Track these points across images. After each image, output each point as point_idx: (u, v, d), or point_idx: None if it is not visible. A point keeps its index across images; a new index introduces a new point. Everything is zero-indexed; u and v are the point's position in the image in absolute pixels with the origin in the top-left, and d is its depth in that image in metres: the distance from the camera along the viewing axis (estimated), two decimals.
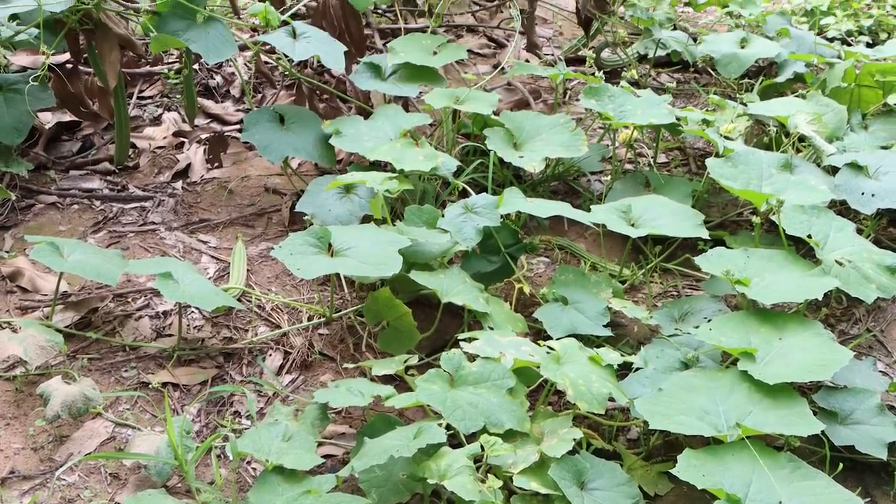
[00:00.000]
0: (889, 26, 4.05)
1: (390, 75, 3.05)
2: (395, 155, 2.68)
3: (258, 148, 2.86)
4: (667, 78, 3.97)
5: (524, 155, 2.82)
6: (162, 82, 3.66)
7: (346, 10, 3.17)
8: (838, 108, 3.05)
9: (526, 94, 3.61)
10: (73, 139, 3.34)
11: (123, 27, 2.92)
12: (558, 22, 4.49)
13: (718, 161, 2.69)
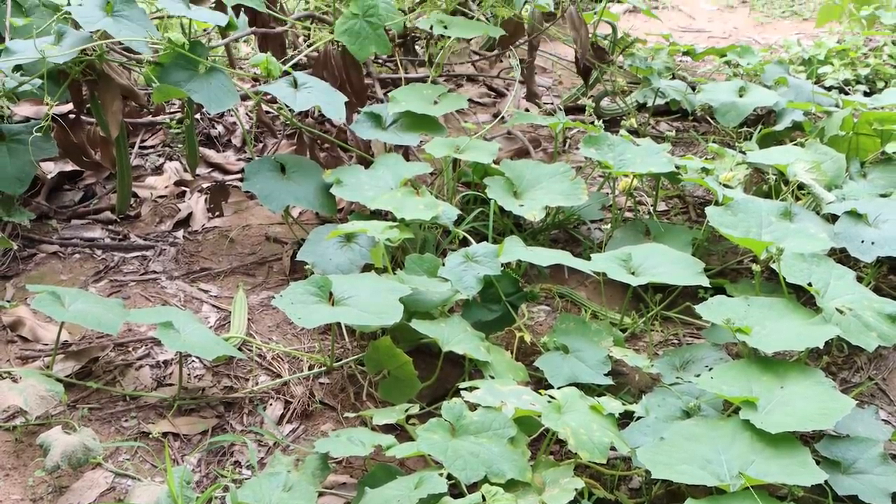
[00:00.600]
0: (886, 75, 4.08)
1: (391, 125, 3.07)
2: (396, 204, 2.69)
3: (259, 197, 2.87)
4: (666, 126, 3.99)
5: (524, 203, 2.83)
6: (164, 132, 3.68)
7: (346, 60, 3.19)
8: (837, 156, 3.06)
9: (526, 143, 3.63)
10: (76, 189, 3.35)
11: (126, 77, 2.94)
12: (557, 71, 4.52)
13: (718, 209, 2.70)
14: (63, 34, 2.70)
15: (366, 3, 3.18)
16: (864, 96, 3.74)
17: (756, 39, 5.09)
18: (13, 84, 2.91)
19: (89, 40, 2.70)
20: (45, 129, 2.72)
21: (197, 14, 2.82)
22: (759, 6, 5.62)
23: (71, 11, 2.67)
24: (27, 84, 2.87)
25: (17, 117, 3.18)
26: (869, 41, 4.45)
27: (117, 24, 2.66)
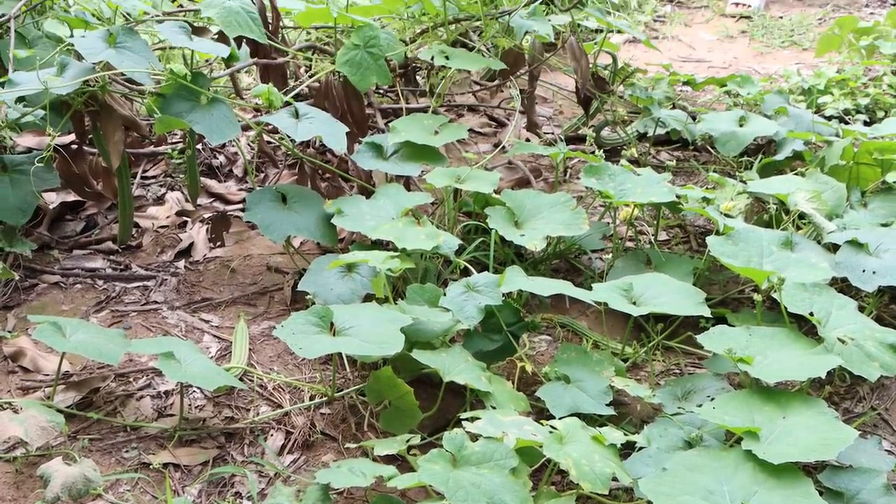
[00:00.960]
0: (886, 104, 4.09)
1: (392, 155, 3.08)
2: (397, 234, 2.69)
3: (260, 227, 2.87)
4: (666, 156, 4.00)
5: (525, 233, 2.83)
6: (166, 162, 3.69)
7: (348, 90, 3.21)
8: (837, 185, 3.06)
9: (527, 173, 3.64)
10: (77, 219, 3.36)
11: (128, 108, 2.95)
12: (558, 101, 4.54)
13: (719, 239, 2.70)
14: (66, 66, 2.72)
15: (367, 34, 3.20)
16: (864, 126, 3.75)
17: (756, 69, 5.12)
18: (16, 115, 2.93)
19: (92, 71, 2.71)
20: (48, 160, 2.72)
21: (199, 46, 2.84)
22: (758, 36, 5.64)
23: (74, 43, 2.69)
24: (30, 115, 2.89)
25: (20, 148, 3.19)
26: (868, 71, 4.47)
27: (120, 55, 2.68)
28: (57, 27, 3.57)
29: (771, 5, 6.30)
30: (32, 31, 3.44)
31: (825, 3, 6.24)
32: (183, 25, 2.88)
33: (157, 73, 2.75)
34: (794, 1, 6.43)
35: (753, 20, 5.92)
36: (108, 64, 2.68)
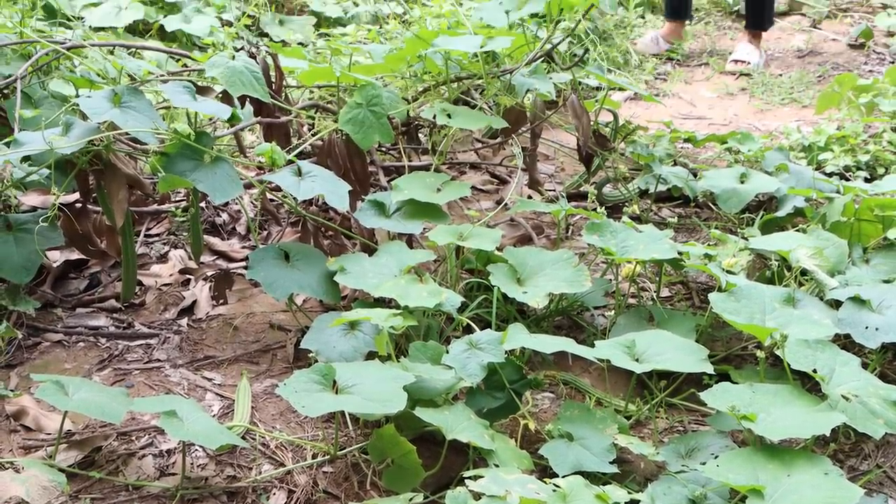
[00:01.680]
0: (886, 161, 4.11)
1: (394, 212, 3.09)
2: (400, 291, 2.70)
3: (263, 285, 2.88)
4: (668, 213, 4.01)
5: (528, 290, 2.83)
6: (169, 220, 3.70)
7: (350, 148, 3.23)
8: (839, 242, 3.07)
9: (529, 230, 3.65)
10: (81, 277, 3.37)
11: (132, 167, 2.97)
12: (560, 158, 4.56)
13: (721, 296, 2.70)
14: (71, 125, 2.74)
15: (369, 92, 3.23)
16: (864, 182, 3.77)
17: (756, 126, 5.14)
18: (21, 174, 2.95)
19: (97, 131, 2.74)
20: (52, 219, 2.74)
21: (202, 106, 2.86)
22: (758, 93, 5.68)
23: (79, 103, 2.71)
24: (35, 174, 2.90)
25: (25, 207, 3.20)
26: (868, 128, 4.49)
27: (124, 114, 2.70)
28: (63, 87, 3.61)
29: (770, 63, 6.35)
30: (38, 91, 3.48)
31: (824, 62, 6.29)
32: (187, 85, 2.91)
33: (161, 132, 2.77)
34: (794, 59, 6.48)
35: (753, 78, 5.96)
36: (112, 123, 2.70)
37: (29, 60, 3.27)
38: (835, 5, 7.41)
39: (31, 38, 3.60)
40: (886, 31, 6.83)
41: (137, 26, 6.22)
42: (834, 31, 6.97)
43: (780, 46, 6.71)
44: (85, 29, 5.66)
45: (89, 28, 5.80)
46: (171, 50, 4.10)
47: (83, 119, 2.78)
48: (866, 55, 6.46)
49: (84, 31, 5.56)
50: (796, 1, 7.36)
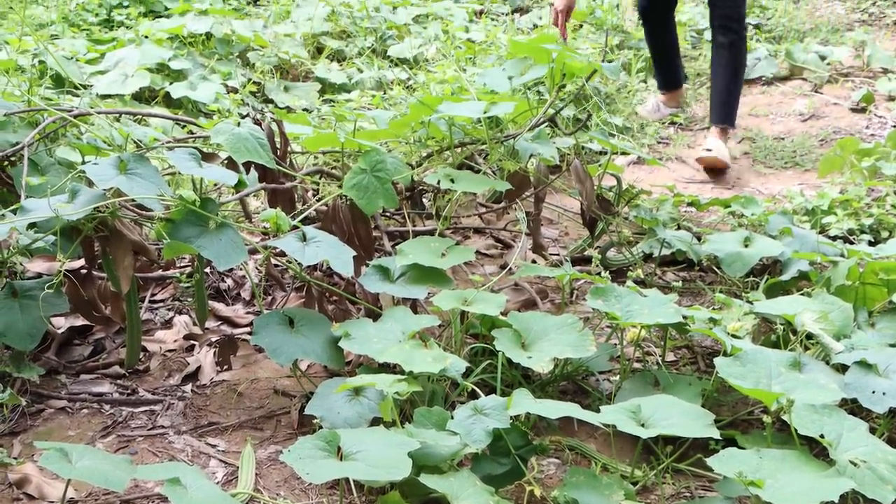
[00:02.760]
0: (890, 225, 4.11)
1: (399, 277, 3.09)
2: (404, 357, 2.69)
3: (267, 351, 2.87)
4: (672, 276, 4.01)
5: (532, 355, 2.83)
6: (174, 286, 3.71)
7: (354, 214, 3.24)
8: (844, 306, 3.06)
9: (533, 294, 3.65)
10: (85, 343, 3.37)
11: (137, 233, 2.98)
12: (563, 223, 4.58)
13: (727, 360, 2.69)
14: (77, 192, 2.76)
15: (374, 158, 3.25)
16: (868, 246, 3.77)
17: (759, 190, 5.17)
18: (27, 241, 2.96)
19: (102, 198, 2.75)
20: (57, 286, 2.75)
21: (208, 173, 2.88)
22: (760, 157, 5.71)
23: (85, 170, 2.73)
24: (41, 241, 2.91)
25: (30, 273, 3.21)
26: (871, 191, 4.50)
27: (130, 181, 2.72)
28: (69, 153, 3.64)
29: (773, 126, 6.39)
30: (45, 158, 3.50)
31: (826, 126, 6.32)
32: (192, 152, 2.93)
33: (167, 199, 2.78)
34: (796, 123, 6.52)
35: (756, 142, 5.99)
36: (118, 190, 2.71)
37: (36, 128, 3.30)
38: (835, 70, 7.46)
39: (38, 107, 3.63)
40: (887, 96, 6.87)
41: (144, 93, 6.28)
42: (835, 96, 7.01)
43: (782, 110, 6.74)
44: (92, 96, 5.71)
45: (96, 95, 5.86)
46: (176, 117, 4.14)
47: (89, 186, 2.79)
48: (868, 119, 6.49)
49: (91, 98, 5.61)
50: (797, 66, 7.42)
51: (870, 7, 9.18)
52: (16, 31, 6.62)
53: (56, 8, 8.05)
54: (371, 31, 8.09)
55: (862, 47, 7.71)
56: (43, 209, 2.67)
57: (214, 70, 6.75)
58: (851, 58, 7.69)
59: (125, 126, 3.69)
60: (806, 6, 9.15)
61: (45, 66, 5.88)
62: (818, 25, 8.55)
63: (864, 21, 8.91)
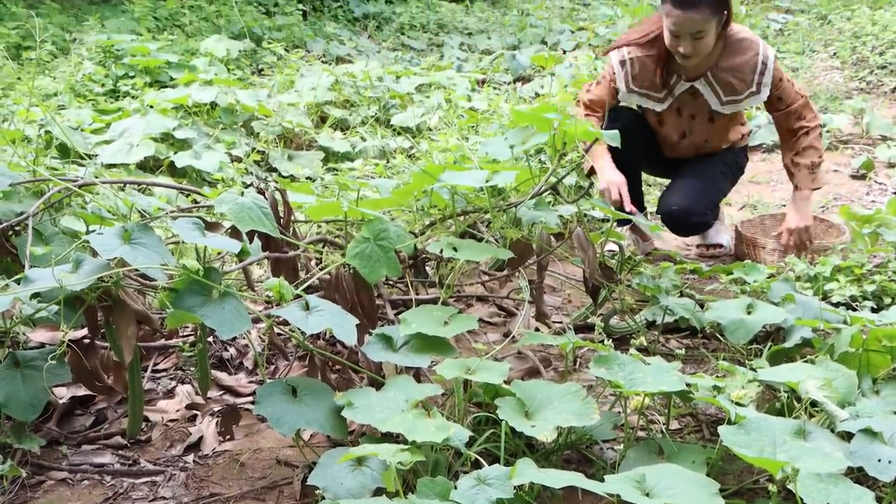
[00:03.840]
0: (892, 291, 4.11)
1: (402, 346, 3.09)
2: (407, 426, 2.68)
3: (270, 420, 2.86)
4: (676, 344, 4.01)
5: (536, 424, 2.81)
6: (177, 355, 3.71)
7: (357, 282, 3.25)
8: (848, 373, 3.05)
9: (536, 362, 3.65)
10: (87, 413, 3.36)
11: (141, 302, 2.98)
12: (566, 290, 4.58)
13: (731, 428, 2.68)
14: (81, 262, 2.77)
15: (377, 227, 3.26)
16: (871, 312, 3.76)
17: None
18: (30, 311, 2.96)
19: (106, 268, 2.76)
20: (60, 355, 2.74)
21: (211, 242, 2.89)
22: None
23: (90, 240, 2.74)
24: (44, 311, 2.92)
25: (33, 343, 3.21)
26: (873, 258, 4.51)
27: (134, 251, 2.72)
28: (74, 223, 3.66)
29: (774, 192, 6.42)
30: (49, 227, 3.52)
31: (827, 192, 6.35)
32: (196, 221, 2.95)
33: (170, 268, 2.79)
34: None
35: (757, 209, 6.02)
36: (122, 260, 2.72)
37: (41, 198, 3.32)
38: (835, 137, 7.52)
39: (43, 177, 3.66)
40: (887, 163, 6.92)
41: (148, 163, 6.33)
42: (835, 163, 7.06)
43: (783, 177, 6.76)
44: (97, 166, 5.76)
45: (101, 165, 5.91)
46: (181, 186, 4.16)
47: (93, 255, 2.80)
48: (868, 186, 6.53)
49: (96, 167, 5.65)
50: None
51: (867, 76, 9.29)
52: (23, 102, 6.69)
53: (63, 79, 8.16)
54: (374, 101, 8.19)
55: (861, 115, 7.79)
56: (47, 279, 2.68)
57: (219, 139, 6.82)
58: (851, 125, 7.77)
59: (129, 195, 3.71)
60: (805, 75, 9.25)
61: (51, 136, 5.95)
62: (817, 93, 8.64)
63: (862, 89, 9.01)
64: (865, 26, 10.32)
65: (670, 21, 4.30)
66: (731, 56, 4.53)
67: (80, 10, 11.85)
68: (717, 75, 4.55)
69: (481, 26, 12.96)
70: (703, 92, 4.61)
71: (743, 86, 4.53)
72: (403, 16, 13.02)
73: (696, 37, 4.28)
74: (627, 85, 4.64)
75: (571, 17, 13.10)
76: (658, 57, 4.55)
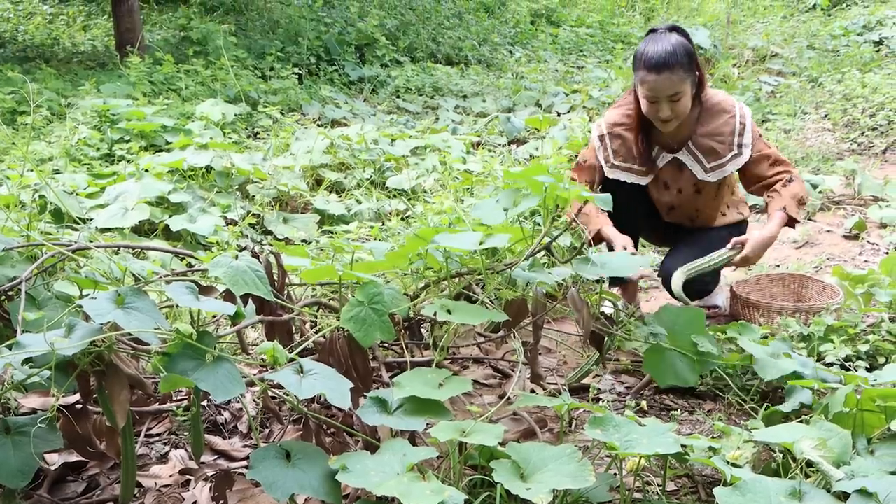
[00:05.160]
0: (886, 351, 4.11)
1: (396, 409, 3.08)
2: (402, 490, 2.67)
3: (264, 486, 2.84)
4: (671, 403, 3.99)
5: (531, 487, 2.80)
6: (170, 419, 3.69)
7: (352, 346, 3.25)
8: (843, 433, 3.05)
9: (532, 424, 3.63)
10: (79, 479, 3.33)
11: (134, 367, 2.97)
12: (562, 351, 4.58)
13: (727, 490, 2.67)
14: (73, 326, 2.76)
15: (371, 290, 3.27)
16: (865, 372, 3.76)
17: None
18: (22, 376, 2.95)
19: (99, 332, 2.75)
20: (51, 421, 2.73)
21: (205, 305, 2.89)
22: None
23: (82, 304, 2.74)
24: (36, 376, 2.90)
25: (24, 409, 3.19)
26: (867, 318, 4.52)
27: (127, 315, 2.72)
28: (67, 287, 3.66)
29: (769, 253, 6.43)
30: (43, 292, 3.51)
31: (820, 252, 6.38)
32: (189, 285, 2.95)
33: (164, 332, 2.79)
34: (791, 250, 6.57)
35: (752, 269, 6.03)
36: (115, 325, 2.72)
37: (34, 263, 3.33)
38: (827, 198, 7.57)
39: (36, 241, 3.67)
40: (879, 223, 6.95)
41: (143, 226, 6.35)
42: (828, 223, 7.09)
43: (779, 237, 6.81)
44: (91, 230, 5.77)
45: (96, 229, 5.92)
46: (175, 250, 4.16)
47: (86, 320, 2.80)
48: (861, 246, 6.56)
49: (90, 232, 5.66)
50: None
51: (858, 137, 9.37)
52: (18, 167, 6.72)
53: (58, 143, 8.20)
54: (370, 163, 8.23)
55: (852, 176, 7.84)
56: (39, 344, 2.67)
57: (214, 203, 6.84)
58: (843, 186, 7.83)
59: (123, 259, 3.72)
60: (797, 136, 9.33)
61: (45, 201, 5.97)
62: (809, 154, 8.71)
63: (853, 150, 9.08)
64: (856, 88, 10.41)
65: (646, 87, 4.34)
66: (709, 121, 4.57)
67: (76, 75, 11.96)
68: (698, 142, 4.58)
69: (476, 89, 13.06)
70: (686, 162, 4.62)
71: (725, 148, 4.55)
72: (399, 79, 13.13)
73: (673, 99, 4.32)
74: (608, 160, 4.66)
75: (565, 80, 13.21)
76: (636, 129, 4.58)
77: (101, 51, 14.79)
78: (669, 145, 4.61)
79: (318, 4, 15.91)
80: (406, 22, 16.19)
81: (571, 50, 16.57)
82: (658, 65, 4.27)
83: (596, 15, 19.31)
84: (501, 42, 16.71)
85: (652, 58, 4.29)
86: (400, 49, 14.98)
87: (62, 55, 14.26)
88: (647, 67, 4.30)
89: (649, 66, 4.28)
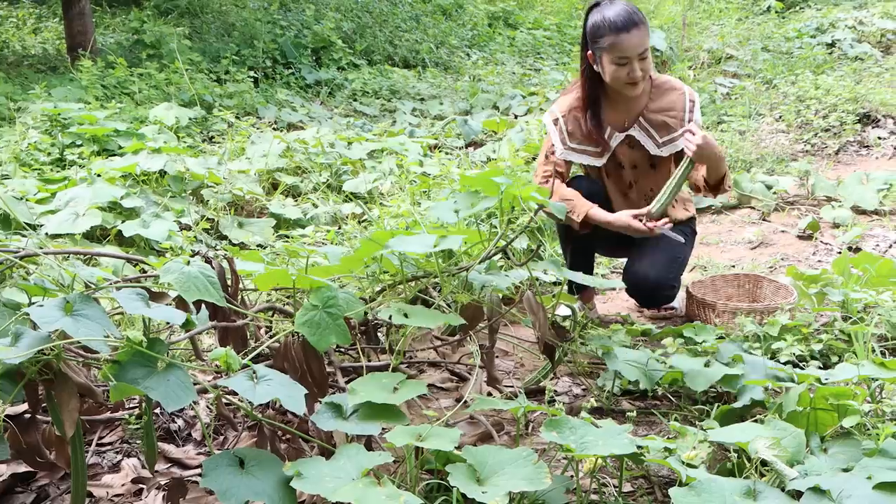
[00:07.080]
0: (839, 350, 4.14)
1: (352, 414, 3.06)
2: (358, 495, 2.64)
3: (217, 493, 2.81)
4: (627, 406, 4.00)
5: (487, 490, 2.78)
6: (122, 428, 3.64)
7: (307, 351, 3.22)
8: (796, 431, 3.06)
9: (489, 427, 3.62)
10: (28, 490, 3.28)
11: (84, 375, 2.93)
12: (519, 354, 4.57)
13: (682, 490, 2.67)
14: (20, 335, 2.71)
15: (325, 294, 3.24)
16: (819, 370, 3.79)
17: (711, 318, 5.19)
18: None
19: (47, 340, 2.71)
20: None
21: (155, 312, 2.85)
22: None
23: (30, 312, 2.70)
24: None
25: None
26: (820, 317, 4.55)
27: (76, 323, 2.68)
28: (16, 295, 3.60)
29: (723, 253, 6.47)
30: None
31: (775, 253, 6.43)
32: (140, 292, 2.91)
33: (114, 340, 2.75)
34: (745, 251, 6.62)
35: (707, 270, 6.06)
36: (63, 332, 2.68)
37: None
38: (782, 199, 7.63)
39: None
40: (832, 223, 7.02)
41: (95, 232, 6.27)
42: (782, 224, 7.15)
43: (732, 238, 6.86)
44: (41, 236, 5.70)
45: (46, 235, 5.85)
46: (127, 256, 4.11)
47: (34, 328, 2.75)
48: (814, 246, 6.62)
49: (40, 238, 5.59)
50: (745, 195, 7.58)
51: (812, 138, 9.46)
52: None
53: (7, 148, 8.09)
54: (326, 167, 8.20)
55: (806, 177, 7.93)
56: None
57: (167, 207, 6.79)
58: (796, 187, 7.91)
59: (72, 266, 3.67)
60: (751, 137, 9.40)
61: None
62: (764, 156, 8.78)
63: (807, 151, 9.17)
64: (809, 90, 10.51)
65: (618, 50, 4.38)
66: (660, 97, 4.68)
67: (26, 79, 11.82)
68: (649, 118, 4.65)
69: (433, 92, 13.06)
70: (638, 138, 4.67)
71: (676, 122, 4.63)
72: (356, 82, 13.10)
73: (642, 56, 4.42)
74: (564, 143, 4.70)
75: (522, 83, 13.23)
76: (584, 109, 4.65)
77: (52, 54, 14.64)
78: (620, 124, 4.66)
79: (274, 7, 15.87)
80: (363, 25, 16.16)
81: (528, 52, 16.62)
82: (627, 23, 4.36)
83: (553, 17, 19.38)
84: (459, 45, 16.72)
85: (617, 20, 4.38)
86: (357, 52, 14.96)
87: (12, 58, 14.09)
88: (616, 30, 4.36)
89: (618, 27, 4.35)
